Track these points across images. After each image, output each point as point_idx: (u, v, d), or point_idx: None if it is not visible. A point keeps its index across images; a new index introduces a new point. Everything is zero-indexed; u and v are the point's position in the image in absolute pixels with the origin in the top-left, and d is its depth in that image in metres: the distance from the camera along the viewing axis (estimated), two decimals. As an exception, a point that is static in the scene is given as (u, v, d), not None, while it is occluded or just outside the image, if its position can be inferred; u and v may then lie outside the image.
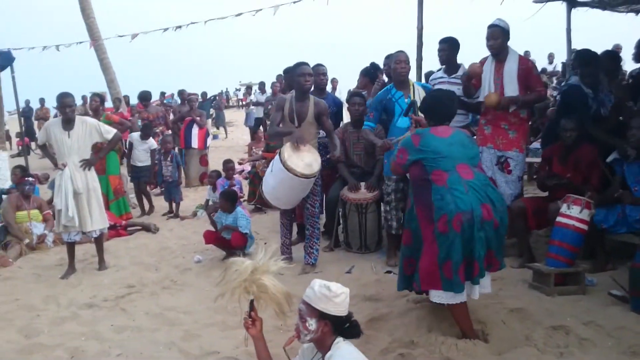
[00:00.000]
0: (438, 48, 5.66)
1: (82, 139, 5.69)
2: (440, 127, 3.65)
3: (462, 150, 3.52)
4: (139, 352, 3.92)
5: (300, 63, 5.32)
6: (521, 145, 5.14)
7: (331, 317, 2.49)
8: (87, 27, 13.34)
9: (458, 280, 3.32)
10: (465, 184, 3.36)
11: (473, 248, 3.31)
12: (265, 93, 16.06)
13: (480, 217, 3.30)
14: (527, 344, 3.47)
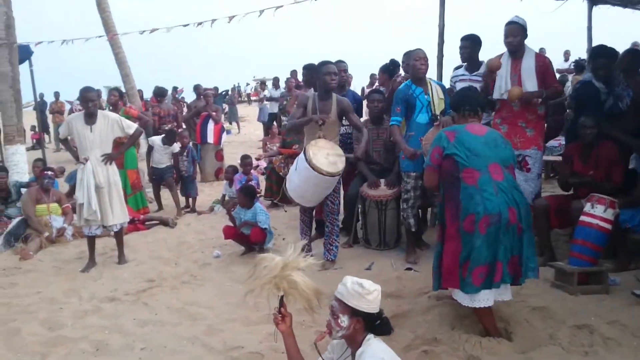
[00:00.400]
0: (459, 45, 5.65)
1: (104, 134, 5.73)
2: (475, 125, 3.62)
3: (495, 150, 3.49)
4: (162, 346, 3.95)
5: (325, 62, 5.32)
6: (539, 143, 5.11)
7: (363, 314, 2.50)
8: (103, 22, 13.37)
9: (470, 281, 3.31)
10: (495, 185, 3.35)
11: (497, 252, 3.30)
12: (279, 88, 16.08)
13: (507, 220, 3.30)
14: (552, 342, 3.46)
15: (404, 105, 5.27)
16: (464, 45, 5.65)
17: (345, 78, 6.43)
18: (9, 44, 9.16)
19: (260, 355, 3.68)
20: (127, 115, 7.85)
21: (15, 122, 9.29)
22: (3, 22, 9.08)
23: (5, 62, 9.13)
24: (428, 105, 5.18)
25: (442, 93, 5.28)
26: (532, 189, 5.11)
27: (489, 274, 3.33)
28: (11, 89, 9.20)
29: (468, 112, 3.70)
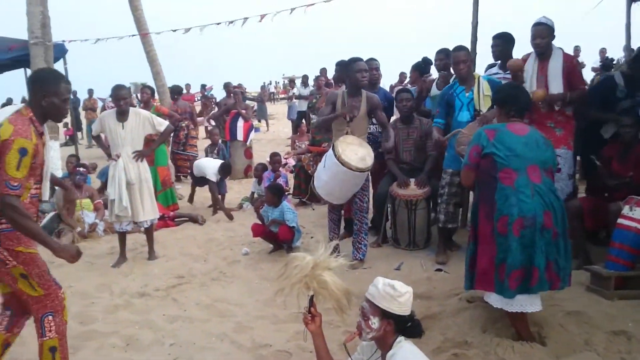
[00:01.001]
0: (492, 44, 5.54)
1: (136, 131, 5.79)
2: (517, 124, 3.53)
3: (535, 151, 3.39)
4: (191, 342, 3.98)
5: (356, 58, 5.28)
6: (569, 142, 4.98)
7: (394, 316, 2.47)
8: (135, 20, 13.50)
9: (507, 286, 3.24)
10: (532, 188, 3.27)
11: (533, 256, 3.22)
12: (308, 86, 16.08)
13: (542, 224, 3.22)
14: (587, 348, 3.37)
15: (445, 107, 5.22)
16: (496, 43, 5.55)
17: (377, 76, 6.37)
18: (45, 42, 9.33)
19: (288, 354, 3.67)
20: (158, 113, 7.94)
21: (50, 119, 9.47)
22: (39, 22, 9.24)
23: (41, 61, 9.29)
24: (469, 102, 5.09)
25: (488, 89, 5.18)
26: (564, 189, 4.99)
27: (525, 279, 3.25)
28: (46, 87, 9.38)
29: (513, 113, 3.60)
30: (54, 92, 3.10)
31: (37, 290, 3.11)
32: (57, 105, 3.13)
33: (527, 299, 3.33)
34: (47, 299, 3.14)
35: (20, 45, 9.81)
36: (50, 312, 3.17)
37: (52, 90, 3.10)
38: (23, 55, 9.73)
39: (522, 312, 3.40)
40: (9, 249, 3.01)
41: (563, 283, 3.39)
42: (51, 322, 3.17)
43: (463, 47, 5.25)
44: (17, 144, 2.89)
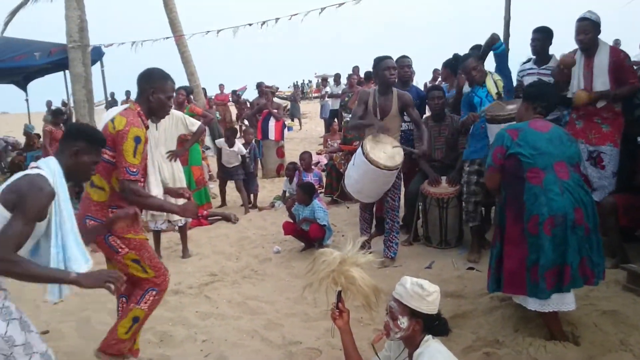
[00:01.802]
0: (531, 37, 5.42)
1: (169, 131, 5.91)
2: (539, 121, 3.48)
3: (560, 148, 3.34)
4: (223, 338, 4.04)
5: (384, 57, 5.27)
6: (616, 140, 4.84)
7: (423, 315, 2.46)
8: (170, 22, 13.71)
9: (544, 287, 3.19)
10: (561, 185, 3.22)
11: (565, 254, 3.18)
12: (340, 84, 16.07)
13: (573, 221, 3.17)
14: (622, 348, 3.29)
15: (468, 107, 5.22)
16: (536, 37, 5.41)
17: (410, 74, 6.33)
18: (83, 46, 9.58)
19: (318, 351, 3.70)
20: (191, 113, 8.04)
21: (88, 121, 9.69)
22: (77, 25, 9.50)
23: (79, 64, 9.56)
24: (487, 95, 5.07)
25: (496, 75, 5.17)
26: (606, 187, 4.88)
27: (559, 277, 3.21)
28: (84, 89, 9.62)
29: (540, 109, 3.55)
30: (161, 89, 3.37)
31: (148, 273, 3.39)
32: (162, 102, 3.39)
33: (560, 298, 3.29)
34: (157, 279, 3.43)
35: (59, 49, 10.11)
36: (155, 289, 3.44)
37: (159, 87, 3.37)
38: (62, 58, 10.03)
39: (554, 311, 3.36)
40: (120, 237, 3.29)
41: (597, 278, 3.35)
42: (151, 297, 3.43)
43: (470, 54, 5.31)
44: (132, 133, 3.18)
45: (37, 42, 11.27)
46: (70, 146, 2.69)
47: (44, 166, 2.58)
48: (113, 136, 3.19)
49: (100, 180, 3.30)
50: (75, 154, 2.69)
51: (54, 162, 2.63)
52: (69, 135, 2.78)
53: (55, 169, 2.60)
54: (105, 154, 3.17)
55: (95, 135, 2.83)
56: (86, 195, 3.36)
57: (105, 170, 3.26)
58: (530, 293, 3.25)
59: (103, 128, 3.26)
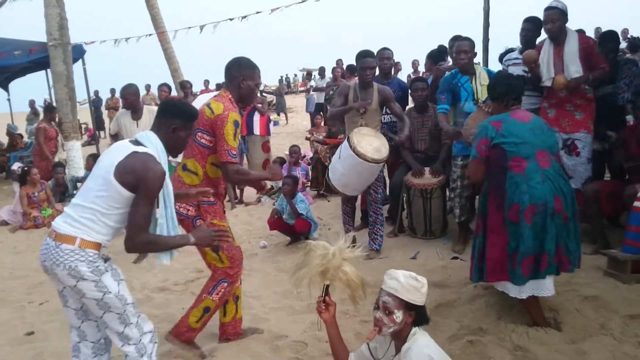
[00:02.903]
0: (521, 27, 5.42)
1: (148, 127, 5.85)
2: (519, 111, 3.52)
3: (542, 137, 3.39)
4: (210, 333, 4.02)
5: (364, 54, 5.27)
6: (589, 126, 4.91)
7: (417, 307, 2.48)
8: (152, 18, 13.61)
9: (520, 273, 3.26)
10: (542, 173, 3.27)
11: (544, 242, 3.24)
12: (325, 78, 16.06)
13: (553, 209, 3.23)
14: (603, 332, 3.35)
15: (450, 94, 5.18)
16: (526, 27, 5.39)
17: (389, 66, 6.33)
18: (63, 44, 9.49)
19: (304, 344, 3.71)
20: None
21: (71, 119, 9.63)
22: (57, 23, 9.40)
23: (60, 62, 9.47)
24: (474, 94, 5.08)
25: (486, 79, 5.14)
26: (582, 173, 4.94)
27: (535, 264, 3.28)
28: (66, 88, 9.55)
29: (513, 102, 3.59)
30: (250, 77, 3.52)
31: (224, 263, 3.52)
32: (251, 89, 3.55)
33: (537, 284, 3.35)
34: (230, 269, 3.55)
35: (39, 48, 10.01)
36: (227, 280, 3.56)
37: (249, 74, 3.52)
38: (43, 57, 9.94)
39: (534, 297, 3.40)
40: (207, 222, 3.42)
41: (572, 266, 3.43)
42: (222, 289, 3.55)
43: (468, 38, 5.25)
44: (231, 117, 3.34)
45: (17, 40, 11.14)
46: (169, 123, 2.84)
47: (147, 143, 2.73)
48: (211, 121, 3.34)
49: (195, 164, 3.46)
50: (174, 131, 2.84)
51: (154, 137, 2.78)
52: (165, 112, 2.91)
53: (158, 145, 2.76)
54: (202, 139, 3.39)
55: (189, 111, 2.96)
56: (177, 178, 3.50)
57: (201, 154, 3.43)
58: (512, 279, 3.31)
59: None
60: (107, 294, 2.65)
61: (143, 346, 2.82)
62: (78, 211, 2.64)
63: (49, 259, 2.62)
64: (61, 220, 2.66)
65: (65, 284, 2.64)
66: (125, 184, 2.58)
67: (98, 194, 2.61)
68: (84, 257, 2.59)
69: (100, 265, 2.65)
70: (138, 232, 2.62)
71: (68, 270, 2.58)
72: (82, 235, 2.60)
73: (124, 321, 2.74)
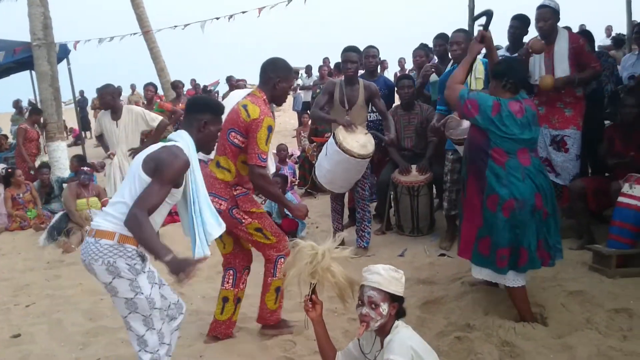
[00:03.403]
0: (509, 25, 5.45)
1: (129, 128, 5.85)
2: (516, 104, 3.43)
3: (528, 134, 3.40)
4: (198, 333, 4.03)
5: (346, 49, 5.28)
6: (578, 123, 4.95)
7: (399, 298, 2.51)
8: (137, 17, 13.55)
9: (493, 260, 3.33)
10: (523, 171, 3.31)
11: (522, 236, 3.28)
12: (312, 76, 16.05)
13: (533, 206, 3.28)
14: (588, 327, 3.39)
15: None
16: (514, 24, 5.42)
17: (374, 64, 6.32)
18: (47, 44, 9.39)
19: (293, 343, 3.71)
20: (161, 110, 7.98)
21: (56, 120, 9.53)
22: (41, 23, 9.29)
23: (45, 62, 9.36)
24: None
25: (481, 72, 5.13)
26: (571, 170, 4.98)
27: (512, 257, 3.34)
28: (51, 88, 9.44)
29: (509, 86, 3.47)
30: (285, 79, 3.64)
31: (270, 239, 3.64)
32: (285, 90, 3.69)
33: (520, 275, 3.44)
34: (279, 244, 3.66)
35: (23, 48, 9.89)
36: (282, 255, 3.64)
37: (284, 76, 3.63)
38: (27, 57, 9.82)
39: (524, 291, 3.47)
40: (245, 211, 3.60)
41: (553, 259, 3.49)
42: (281, 264, 3.60)
43: (462, 29, 5.22)
44: (266, 122, 3.44)
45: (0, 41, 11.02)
46: (199, 119, 2.91)
47: (178, 139, 2.82)
48: (247, 124, 3.44)
49: (227, 161, 3.58)
50: (205, 125, 2.91)
51: (186, 134, 2.85)
52: (195, 108, 2.97)
53: (188, 141, 2.82)
54: (235, 139, 3.51)
55: (218, 107, 3.05)
56: (210, 174, 3.59)
57: (232, 153, 3.55)
58: (474, 261, 3.43)
59: (231, 112, 3.52)
60: (138, 295, 2.69)
61: (158, 357, 2.82)
62: (116, 208, 2.68)
63: (88, 255, 2.66)
64: (100, 218, 2.71)
65: (101, 280, 2.67)
66: (148, 170, 2.65)
67: (132, 190, 2.66)
68: (122, 252, 2.64)
69: (138, 264, 2.69)
70: (137, 205, 2.59)
71: (106, 265, 2.62)
72: (121, 231, 2.63)
73: (147, 324, 2.77)
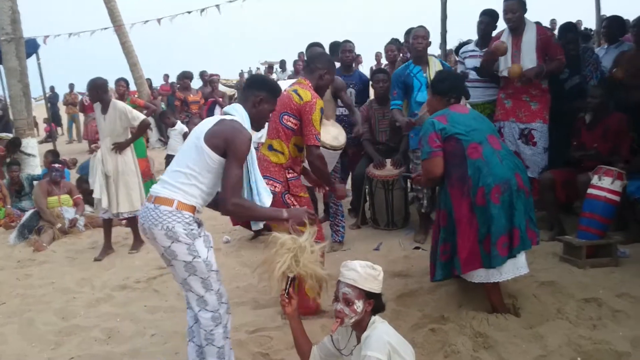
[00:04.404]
0: (478, 20, 5.52)
1: (114, 123, 5.82)
2: (457, 105, 3.61)
3: (485, 123, 3.53)
4: (173, 331, 4.00)
5: (313, 44, 5.29)
6: (544, 116, 5.05)
7: (375, 295, 2.51)
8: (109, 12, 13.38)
9: (497, 253, 3.28)
10: (498, 155, 3.36)
11: (513, 218, 3.29)
12: (286, 71, 16.01)
13: (517, 185, 3.30)
14: (559, 317, 3.44)
15: (402, 88, 5.22)
16: (483, 20, 5.49)
17: (351, 58, 6.33)
18: (16, 38, 9.20)
19: (269, 337, 3.70)
20: (134, 105, 7.86)
21: (25, 116, 9.36)
22: (9, 17, 9.11)
23: (13, 57, 9.19)
24: (427, 83, 5.15)
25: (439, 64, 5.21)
26: (539, 163, 5.06)
27: (510, 242, 3.32)
28: (20, 84, 9.27)
29: (453, 100, 3.65)
30: (330, 72, 3.92)
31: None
32: (328, 83, 3.95)
33: (514, 263, 3.39)
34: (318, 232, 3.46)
35: (-9, 42, 9.66)
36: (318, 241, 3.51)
37: (330, 70, 3.91)
38: (-6, 52, 9.61)
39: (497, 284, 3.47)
40: (295, 195, 3.77)
41: (539, 238, 3.53)
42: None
43: (423, 26, 5.31)
44: (318, 104, 3.69)
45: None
46: (255, 95, 2.99)
47: (234, 112, 2.92)
48: (299, 107, 3.67)
49: (281, 144, 3.76)
50: (260, 102, 3.00)
51: (241, 108, 2.94)
52: (253, 85, 3.08)
53: (243, 114, 2.92)
54: (288, 122, 3.72)
55: (275, 87, 3.13)
56: (264, 158, 3.76)
57: (285, 135, 3.74)
58: (485, 264, 3.32)
59: (282, 97, 3.54)
60: (196, 258, 2.79)
61: (219, 315, 2.92)
62: (174, 177, 2.81)
63: (147, 220, 2.77)
64: (159, 186, 2.83)
65: (161, 244, 2.77)
66: (215, 147, 2.74)
67: (191, 160, 2.78)
68: (180, 218, 2.74)
69: (195, 229, 2.79)
70: (231, 193, 2.72)
71: (165, 230, 2.72)
72: (179, 198, 2.75)
73: (206, 286, 2.87)
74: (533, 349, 3.14)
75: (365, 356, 2.34)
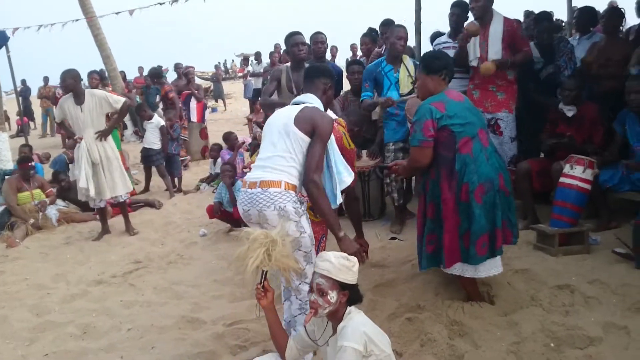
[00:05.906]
0: (450, 12, 5.55)
1: (94, 111, 5.91)
2: (452, 91, 3.48)
3: (477, 115, 3.45)
4: (149, 325, 3.98)
5: (293, 33, 5.26)
6: (510, 106, 5.10)
7: (350, 286, 2.51)
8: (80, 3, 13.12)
9: (474, 253, 3.27)
10: (485, 152, 3.32)
11: (495, 218, 3.28)
12: (262, 63, 15.90)
13: (498, 185, 3.30)
14: (533, 304, 3.50)
15: (372, 82, 5.27)
16: (454, 12, 5.52)
17: (323, 49, 6.29)
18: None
19: (246, 330, 3.71)
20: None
21: (-3, 110, 9.17)
22: (-24, 8, 8.90)
23: (-19, 49, 8.99)
24: (397, 82, 5.18)
25: (413, 71, 5.21)
26: (507, 152, 5.12)
27: (491, 243, 3.31)
28: (-11, 77, 9.07)
29: (448, 79, 3.50)
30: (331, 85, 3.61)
31: (317, 217, 3.49)
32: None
33: (492, 262, 3.41)
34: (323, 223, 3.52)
35: (-42, 35, 9.46)
36: (324, 235, 3.61)
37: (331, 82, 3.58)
38: (-38, 45, 9.39)
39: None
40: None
41: (515, 237, 3.52)
42: (324, 244, 3.63)
43: (403, 25, 5.32)
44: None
45: None
46: (324, 82, 3.22)
47: (312, 101, 3.13)
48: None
49: None
50: (328, 89, 3.24)
51: (314, 97, 3.15)
52: (319, 73, 3.27)
53: (318, 102, 3.13)
54: None
55: (333, 74, 3.37)
56: None
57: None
58: (463, 259, 3.33)
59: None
60: (303, 234, 2.93)
61: None
62: (274, 161, 2.96)
63: (256, 204, 2.91)
64: (260, 171, 2.97)
65: (272, 225, 2.86)
66: (305, 131, 2.94)
67: (286, 144, 2.95)
68: (289, 197, 2.90)
69: (299, 207, 2.94)
70: (313, 170, 2.91)
71: (278, 210, 2.86)
72: (285, 179, 2.92)
73: (307, 259, 2.99)
74: (507, 336, 3.20)
75: (341, 346, 2.35)
